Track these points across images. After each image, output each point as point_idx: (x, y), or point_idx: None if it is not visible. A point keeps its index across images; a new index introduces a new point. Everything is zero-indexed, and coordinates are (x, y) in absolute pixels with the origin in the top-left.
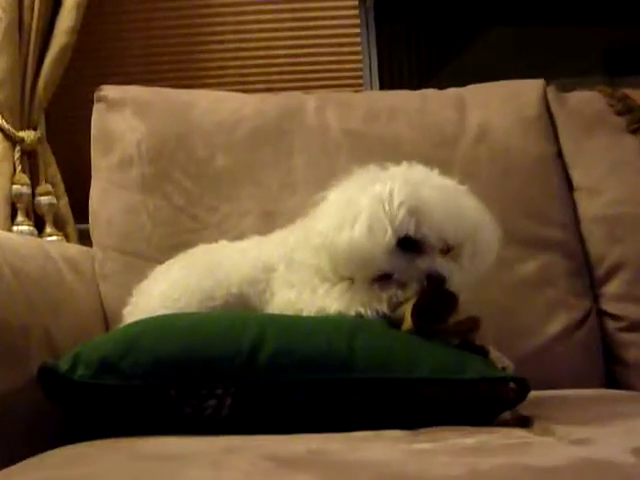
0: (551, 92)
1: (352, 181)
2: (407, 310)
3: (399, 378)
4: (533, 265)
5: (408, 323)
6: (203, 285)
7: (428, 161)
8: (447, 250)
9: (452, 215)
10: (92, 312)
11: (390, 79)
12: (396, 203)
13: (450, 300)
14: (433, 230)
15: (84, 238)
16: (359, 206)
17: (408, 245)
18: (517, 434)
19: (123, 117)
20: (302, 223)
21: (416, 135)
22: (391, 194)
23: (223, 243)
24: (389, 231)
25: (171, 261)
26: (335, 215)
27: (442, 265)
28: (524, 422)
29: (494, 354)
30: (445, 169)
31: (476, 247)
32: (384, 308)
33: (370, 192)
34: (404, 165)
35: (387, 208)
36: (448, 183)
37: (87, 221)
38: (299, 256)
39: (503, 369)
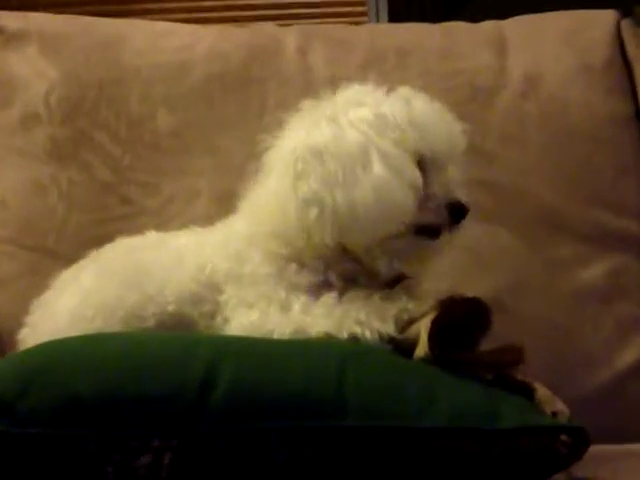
0: (627, 28)
1: (301, 121)
2: (422, 329)
3: (405, 427)
4: (600, 269)
5: (423, 348)
6: (127, 300)
7: None
8: None
9: (452, 130)
10: None
11: (406, 8)
12: (401, 122)
13: (483, 315)
14: (443, 146)
15: None
16: (352, 140)
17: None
18: None
19: (26, 57)
20: (249, 207)
21: (435, 87)
22: (383, 117)
23: (151, 236)
24: (413, 164)
25: (80, 264)
26: (317, 164)
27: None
28: None
29: (542, 393)
30: (477, 134)
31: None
32: (390, 329)
33: (356, 117)
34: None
35: (395, 132)
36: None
37: None
38: (250, 267)
39: (554, 415)
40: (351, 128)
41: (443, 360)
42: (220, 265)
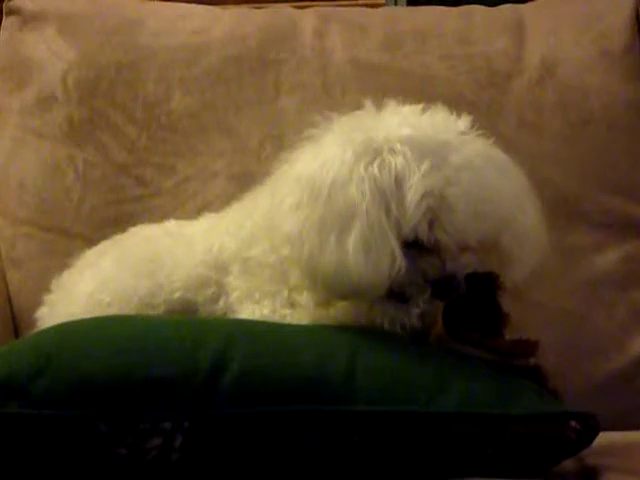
0: None
1: (334, 138)
2: (438, 311)
3: (416, 412)
4: (615, 256)
5: (438, 327)
6: (140, 288)
7: (469, 108)
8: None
9: (479, 213)
10: None
11: None
12: (408, 201)
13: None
14: (451, 236)
15: None
16: (350, 200)
17: (411, 244)
18: None
19: (44, 38)
20: (264, 196)
21: (454, 70)
22: (398, 183)
23: (169, 225)
24: (397, 251)
25: (102, 247)
26: (310, 210)
27: (455, 264)
28: (588, 476)
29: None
30: (493, 120)
31: (509, 248)
32: (415, 321)
33: (365, 176)
34: (409, 109)
35: (394, 209)
36: (478, 150)
37: None
38: (257, 250)
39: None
40: (355, 186)
41: (457, 337)
42: (228, 245)
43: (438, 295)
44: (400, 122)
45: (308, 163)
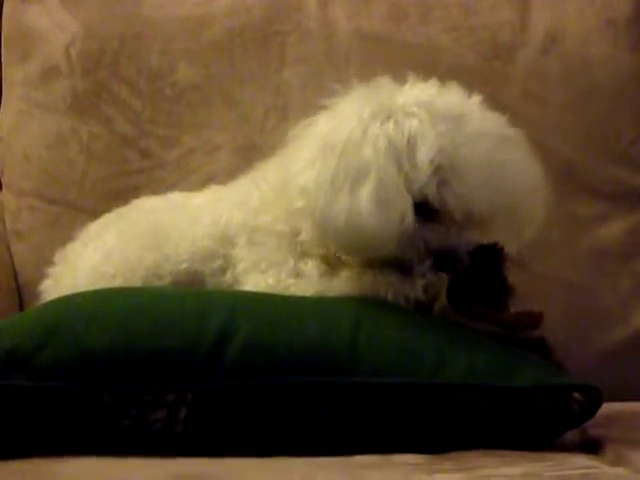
0: None
1: (352, 103)
2: (442, 285)
3: (418, 383)
4: (619, 227)
5: (441, 299)
6: (145, 260)
7: (474, 80)
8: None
9: (489, 184)
10: None
11: None
12: (419, 158)
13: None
14: (459, 200)
15: None
16: (362, 156)
17: (418, 209)
18: (580, 462)
19: (47, 10)
20: (274, 166)
21: (458, 42)
22: (412, 142)
23: (173, 197)
24: (409, 207)
25: (106, 219)
26: (325, 164)
27: (459, 238)
28: (591, 446)
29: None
30: (498, 91)
31: (514, 218)
32: (417, 293)
33: (379, 133)
34: (431, 84)
35: (406, 166)
36: (492, 125)
37: None
38: (265, 219)
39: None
40: (370, 142)
41: (461, 310)
42: (235, 217)
43: (440, 267)
44: (419, 91)
45: (325, 123)
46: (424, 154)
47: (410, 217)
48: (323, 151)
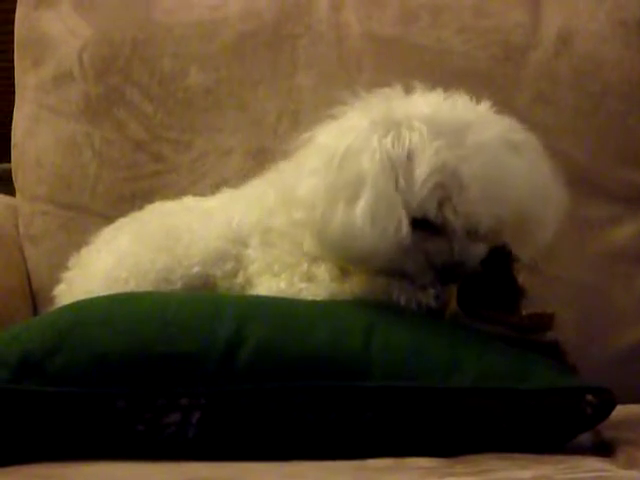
0: None
1: (355, 114)
2: (453, 288)
3: (432, 387)
4: (632, 229)
5: (453, 304)
6: (157, 264)
7: (485, 82)
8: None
9: (491, 197)
10: (13, 288)
11: None
12: (417, 175)
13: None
14: (461, 217)
15: (4, 183)
16: (361, 169)
17: (420, 225)
18: (593, 465)
19: (60, 15)
20: (287, 168)
21: (470, 44)
22: (410, 157)
23: (187, 201)
24: (404, 221)
25: (120, 224)
26: (324, 175)
27: (464, 252)
28: (604, 449)
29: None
30: (509, 94)
31: (523, 228)
32: (431, 300)
33: (377, 147)
34: (437, 93)
35: (402, 181)
36: (497, 134)
37: (8, 160)
38: (280, 220)
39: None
40: (367, 155)
41: (472, 315)
42: (249, 217)
43: (444, 281)
44: (423, 102)
45: (327, 134)
46: (422, 170)
47: (404, 232)
48: (322, 162)
